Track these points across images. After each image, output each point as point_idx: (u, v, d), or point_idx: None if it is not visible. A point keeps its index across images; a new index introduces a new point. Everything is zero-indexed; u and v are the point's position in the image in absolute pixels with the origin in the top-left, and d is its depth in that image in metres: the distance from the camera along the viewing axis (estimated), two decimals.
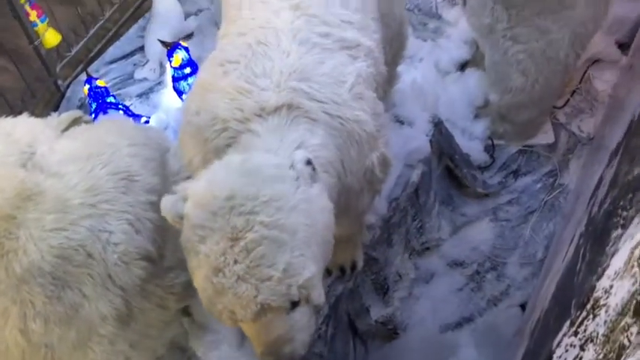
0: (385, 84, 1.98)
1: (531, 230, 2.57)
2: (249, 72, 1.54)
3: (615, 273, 1.28)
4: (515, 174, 2.68)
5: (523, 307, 2.44)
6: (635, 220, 1.32)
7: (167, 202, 1.39)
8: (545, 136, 2.76)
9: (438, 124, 2.42)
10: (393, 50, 2.10)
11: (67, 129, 2.02)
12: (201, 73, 1.73)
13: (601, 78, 2.91)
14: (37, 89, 2.88)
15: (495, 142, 2.73)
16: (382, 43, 1.88)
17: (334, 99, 1.54)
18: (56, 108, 2.93)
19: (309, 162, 1.38)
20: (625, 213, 1.50)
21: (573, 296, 1.59)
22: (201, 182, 1.37)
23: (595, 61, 2.93)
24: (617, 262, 1.31)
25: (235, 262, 1.27)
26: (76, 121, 2.13)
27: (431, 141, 2.38)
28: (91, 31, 3.05)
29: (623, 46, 2.97)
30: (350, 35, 1.67)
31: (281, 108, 1.48)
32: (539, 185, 2.66)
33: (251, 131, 1.47)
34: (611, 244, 1.50)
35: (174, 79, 2.59)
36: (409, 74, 2.74)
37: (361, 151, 1.59)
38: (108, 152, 1.74)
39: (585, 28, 2.31)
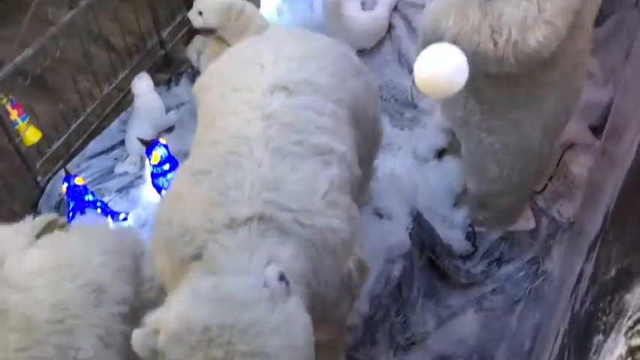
0: (361, 184, 1.99)
1: (517, 320, 2.52)
2: (220, 183, 1.54)
3: None
4: (499, 262, 2.66)
5: None
6: (613, 335, 1.29)
7: (138, 337, 1.33)
8: (525, 222, 2.76)
9: (417, 217, 2.42)
10: (368, 148, 2.12)
11: (41, 234, 2.00)
12: (174, 182, 1.73)
13: (577, 162, 2.95)
14: (16, 185, 2.87)
15: (476, 229, 2.72)
16: (356, 144, 1.91)
17: (307, 208, 1.54)
18: (35, 204, 2.92)
19: (282, 277, 1.36)
20: (605, 318, 1.47)
21: None
22: (172, 312, 1.32)
23: (570, 146, 2.99)
24: None
25: None
26: (50, 225, 2.09)
27: (411, 234, 2.37)
28: (72, 127, 3.08)
29: (596, 130, 3.04)
30: (323, 141, 1.69)
31: (252, 219, 1.47)
32: (522, 273, 2.63)
33: (219, 244, 1.45)
34: (593, 349, 1.47)
35: (154, 176, 2.60)
36: (387, 163, 2.77)
37: (337, 260, 1.57)
38: (78, 263, 1.71)
39: (557, 120, 2.35)
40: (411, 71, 3.20)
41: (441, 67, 1.78)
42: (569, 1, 1.92)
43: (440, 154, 2.91)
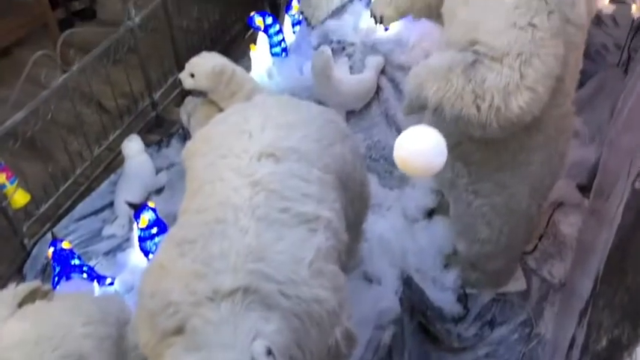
0: (349, 248, 1.97)
1: None
2: (205, 253, 1.53)
3: None
4: (491, 324, 2.62)
5: None
6: None
7: None
8: (517, 283, 2.74)
9: (407, 280, 2.40)
10: (356, 211, 2.12)
11: (23, 302, 1.96)
12: (159, 251, 1.70)
13: (566, 221, 2.96)
14: (1, 248, 2.84)
15: (468, 291, 2.69)
16: (344, 209, 1.91)
17: (292, 278, 1.52)
18: (21, 267, 2.88)
19: (269, 351, 1.33)
20: None
21: None
22: None
23: (559, 205, 3.00)
24: None
25: None
26: (33, 293, 2.06)
27: (401, 298, 2.34)
28: (61, 189, 3.07)
29: (584, 189, 3.06)
30: (309, 209, 1.68)
31: (236, 292, 1.44)
32: (515, 336, 2.59)
33: (203, 318, 1.42)
34: None
35: (141, 239, 2.57)
36: (377, 224, 2.76)
37: (323, 331, 1.54)
38: (59, 334, 1.67)
39: (543, 182, 2.37)
40: (398, 131, 3.28)
41: (420, 150, 1.80)
42: (550, 68, 1.96)
43: (430, 214, 2.91)
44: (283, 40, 3.52)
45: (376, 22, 2.41)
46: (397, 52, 3.28)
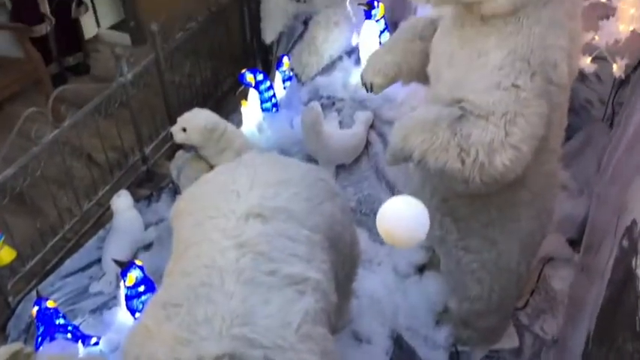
0: (339, 307, 1.95)
1: None
2: (190, 318, 1.50)
3: None
4: None
5: None
6: None
7: None
8: (509, 340, 2.70)
9: (398, 339, 2.36)
10: (346, 271, 2.11)
11: None
12: (145, 314, 1.68)
13: (557, 276, 2.94)
14: None
15: (460, 348, 2.65)
16: (333, 269, 1.89)
17: (279, 343, 1.49)
18: (4, 326, 2.82)
19: None
20: None
21: None
22: None
23: (549, 260, 2.99)
24: None
25: None
26: (15, 356, 2.01)
27: (391, 359, 2.29)
28: (49, 245, 3.05)
29: (574, 243, 3.06)
30: (297, 270, 1.67)
31: (221, 359, 1.42)
32: None
33: None
34: None
35: (128, 298, 2.53)
36: (367, 280, 2.74)
37: None
38: None
39: (532, 238, 2.37)
40: (389, 186, 3.30)
41: (402, 220, 1.80)
42: (534, 128, 1.99)
43: (421, 269, 2.89)
44: (274, 95, 3.57)
45: (367, 91, 2.46)
46: (386, 107, 3.34)
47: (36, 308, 2.51)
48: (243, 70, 3.48)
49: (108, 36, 5.11)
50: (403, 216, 1.77)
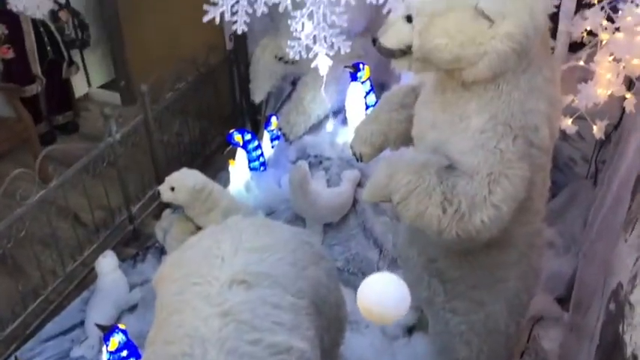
0: None
1: None
2: None
3: None
4: None
5: None
6: None
7: None
8: None
9: None
10: (332, 335, 2.08)
11: None
12: None
13: (547, 336, 2.90)
14: None
15: None
16: (319, 335, 1.86)
17: None
18: None
19: None
20: None
21: None
22: None
23: (539, 319, 2.96)
24: None
25: None
26: None
27: None
28: (30, 308, 2.98)
29: (563, 301, 3.04)
30: (281, 339, 1.64)
31: None
32: None
33: None
34: None
35: None
36: (355, 342, 2.69)
37: None
38: None
39: (520, 298, 2.35)
40: (376, 244, 3.29)
41: (383, 297, 1.79)
42: (517, 190, 2.00)
43: (410, 330, 2.85)
44: (262, 154, 3.60)
45: (357, 160, 2.50)
46: (373, 166, 3.36)
47: None
48: (232, 130, 3.52)
49: (98, 95, 5.17)
50: (382, 294, 1.77)
